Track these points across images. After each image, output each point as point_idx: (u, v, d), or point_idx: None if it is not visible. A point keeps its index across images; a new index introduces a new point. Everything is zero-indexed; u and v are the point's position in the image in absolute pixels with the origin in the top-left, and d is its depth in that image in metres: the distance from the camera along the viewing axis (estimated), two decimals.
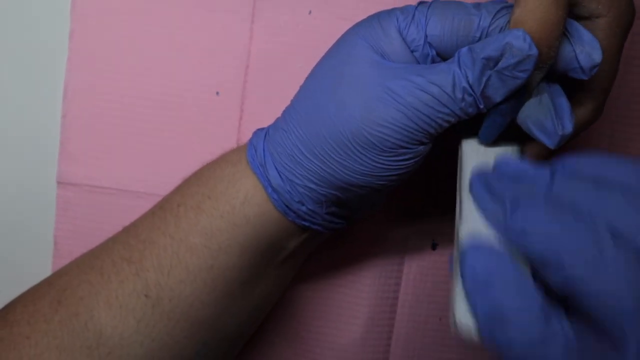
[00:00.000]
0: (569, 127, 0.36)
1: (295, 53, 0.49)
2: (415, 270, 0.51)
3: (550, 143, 0.36)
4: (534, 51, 0.33)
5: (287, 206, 0.39)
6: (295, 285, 0.50)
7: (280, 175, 0.38)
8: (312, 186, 0.38)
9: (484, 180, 0.35)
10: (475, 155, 0.38)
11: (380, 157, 0.36)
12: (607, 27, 0.36)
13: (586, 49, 0.35)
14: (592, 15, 0.36)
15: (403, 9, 0.37)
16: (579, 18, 0.37)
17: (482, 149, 0.39)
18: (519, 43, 0.33)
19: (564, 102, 0.36)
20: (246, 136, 0.48)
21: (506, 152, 0.39)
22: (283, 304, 0.50)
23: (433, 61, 0.37)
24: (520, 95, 0.36)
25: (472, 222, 0.34)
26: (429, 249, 0.51)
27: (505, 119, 0.36)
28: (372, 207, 0.43)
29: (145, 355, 0.39)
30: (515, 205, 0.32)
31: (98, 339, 0.38)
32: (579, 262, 0.29)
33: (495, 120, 0.36)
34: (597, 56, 0.35)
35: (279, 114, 0.41)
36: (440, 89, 0.35)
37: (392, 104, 0.35)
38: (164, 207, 0.41)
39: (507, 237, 0.32)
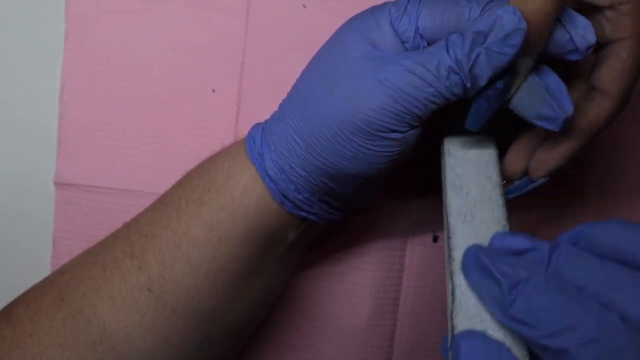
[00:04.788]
0: (569, 108, 0.36)
1: (290, 49, 0.49)
2: (417, 262, 0.51)
3: (554, 127, 0.36)
4: (523, 24, 0.34)
5: (284, 195, 0.39)
6: (298, 274, 0.50)
7: (275, 165, 0.39)
8: (304, 174, 0.39)
9: (477, 260, 0.33)
10: (456, 157, 0.39)
11: (368, 142, 0.36)
12: (632, 11, 0.37)
13: (580, 32, 0.35)
14: (613, 4, 0.37)
15: (396, 2, 0.38)
16: (601, 8, 0.37)
17: (463, 151, 0.39)
18: (508, 16, 0.34)
19: (558, 82, 0.36)
20: (243, 133, 0.48)
21: (484, 153, 0.39)
22: (286, 293, 0.49)
23: None
24: (507, 80, 0.36)
25: (465, 304, 0.33)
26: (430, 242, 0.51)
27: (492, 104, 0.36)
28: (366, 200, 0.43)
29: (149, 349, 0.39)
30: (514, 286, 0.30)
31: (102, 334, 0.38)
32: (589, 356, 0.28)
33: (482, 106, 0.36)
34: (591, 37, 0.36)
35: (275, 109, 0.41)
36: (424, 68, 0.35)
37: (379, 87, 0.36)
38: (165, 202, 0.41)
39: (507, 322, 0.31)
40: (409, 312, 0.51)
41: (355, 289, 0.50)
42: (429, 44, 0.37)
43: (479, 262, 0.32)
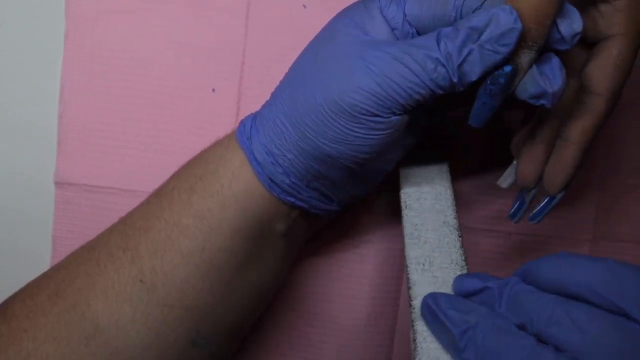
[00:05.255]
0: (558, 82, 0.35)
1: (290, 48, 0.49)
2: None
3: (547, 102, 0.36)
4: (518, 25, 0.33)
5: (271, 180, 0.39)
6: (296, 273, 0.50)
7: (264, 148, 0.39)
8: (290, 156, 0.39)
9: (431, 309, 0.36)
10: (413, 209, 0.42)
11: (352, 124, 0.36)
12: (626, 8, 0.37)
13: (566, 19, 0.35)
14: None
15: None
16: (597, 2, 0.37)
17: (419, 201, 0.42)
18: (505, 15, 0.33)
19: (552, 59, 0.36)
20: None
21: (440, 199, 0.42)
22: (284, 292, 0.49)
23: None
24: (510, 75, 0.35)
25: (426, 348, 0.36)
26: None
27: (495, 100, 0.36)
28: (360, 191, 0.43)
29: (142, 344, 0.39)
30: (464, 332, 0.34)
31: (95, 329, 0.38)
32: None
33: (486, 102, 0.36)
34: (578, 25, 0.35)
35: None
36: (411, 58, 0.35)
37: (364, 70, 0.36)
38: (159, 194, 0.41)
39: None
40: (408, 311, 0.50)
41: (354, 288, 0.50)
42: (417, 31, 0.37)
43: (432, 311, 0.36)
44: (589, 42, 0.39)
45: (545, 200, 0.42)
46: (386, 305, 0.50)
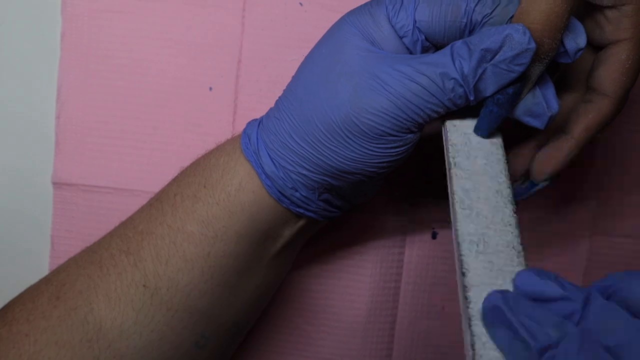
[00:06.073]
0: (555, 106, 0.36)
1: (287, 46, 0.49)
2: (416, 259, 0.50)
3: (540, 124, 0.36)
4: (532, 45, 0.33)
5: (280, 192, 0.39)
6: (297, 272, 0.50)
7: (273, 162, 0.39)
8: (305, 172, 0.38)
9: (500, 313, 0.29)
10: (463, 169, 0.36)
11: (369, 144, 0.36)
12: (634, 13, 0.37)
13: (571, 34, 0.35)
14: (617, 4, 0.37)
15: None
16: (602, 8, 0.37)
17: (470, 160, 0.36)
18: (518, 36, 0.33)
19: (547, 81, 0.36)
20: (240, 130, 0.48)
21: (492, 160, 0.36)
22: (285, 291, 0.49)
23: (422, 46, 0.37)
24: (518, 88, 0.35)
25: (486, 357, 0.29)
26: (429, 238, 0.51)
27: (503, 110, 0.36)
28: (365, 196, 0.43)
29: (145, 346, 0.39)
30: (544, 350, 0.28)
31: (98, 332, 0.38)
32: None
33: (493, 111, 0.36)
34: (582, 40, 0.35)
35: (272, 107, 0.41)
36: (429, 79, 0.35)
37: (381, 92, 0.35)
38: (161, 198, 0.41)
39: None
40: (408, 308, 0.50)
41: (354, 285, 0.50)
42: (426, 38, 0.37)
43: (502, 317, 0.29)
44: (595, 46, 0.39)
45: (526, 186, 0.42)
46: (386, 302, 0.50)
